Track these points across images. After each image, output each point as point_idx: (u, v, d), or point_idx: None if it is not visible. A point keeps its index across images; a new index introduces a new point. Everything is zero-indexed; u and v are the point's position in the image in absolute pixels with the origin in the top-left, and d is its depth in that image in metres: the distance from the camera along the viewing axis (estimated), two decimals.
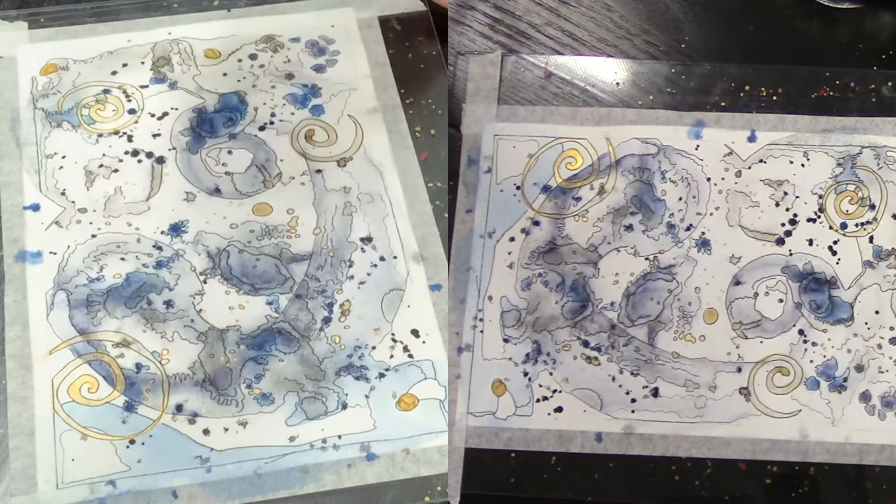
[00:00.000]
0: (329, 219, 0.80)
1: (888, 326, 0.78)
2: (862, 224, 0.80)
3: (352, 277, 0.78)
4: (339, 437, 0.72)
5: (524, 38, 0.86)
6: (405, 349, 0.76)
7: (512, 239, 0.80)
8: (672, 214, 0.80)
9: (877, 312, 0.78)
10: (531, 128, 0.82)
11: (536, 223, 0.81)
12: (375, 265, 0.78)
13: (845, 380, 0.77)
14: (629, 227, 0.80)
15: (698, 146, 0.82)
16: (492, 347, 0.78)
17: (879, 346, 0.77)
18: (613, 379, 0.77)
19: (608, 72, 0.84)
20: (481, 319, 0.79)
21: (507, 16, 0.87)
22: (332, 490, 0.71)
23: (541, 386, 0.77)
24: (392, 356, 0.75)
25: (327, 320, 0.76)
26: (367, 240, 0.79)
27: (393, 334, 0.76)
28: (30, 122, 0.82)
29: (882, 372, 0.77)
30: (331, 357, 0.75)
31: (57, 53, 0.86)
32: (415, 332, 0.76)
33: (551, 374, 0.77)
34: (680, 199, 0.81)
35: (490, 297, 0.79)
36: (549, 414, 0.77)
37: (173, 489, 0.70)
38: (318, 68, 0.87)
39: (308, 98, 0.85)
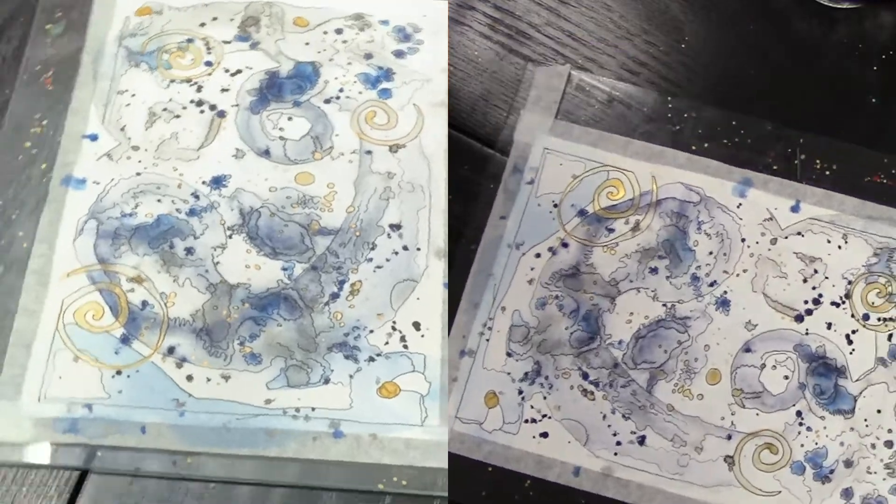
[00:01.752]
0: (365, 199, 0.81)
1: (886, 428, 0.75)
2: (884, 319, 0.77)
3: (370, 260, 0.79)
4: (313, 409, 0.73)
5: (524, 38, 0.85)
6: (402, 339, 0.76)
7: (538, 255, 0.80)
8: (699, 267, 0.79)
9: (879, 411, 0.75)
10: (582, 149, 0.82)
11: (565, 245, 0.80)
12: (397, 252, 0.79)
13: (831, 472, 0.74)
14: (654, 270, 0.79)
15: (741, 204, 0.80)
16: (494, 358, 0.78)
17: (873, 446, 0.74)
18: (604, 417, 0.76)
19: (669, 111, 0.82)
20: (490, 328, 0.78)
21: (507, 16, 0.87)
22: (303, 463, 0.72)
23: (532, 407, 0.76)
24: (387, 343, 0.76)
25: (335, 296, 0.77)
26: (396, 227, 0.80)
27: (394, 322, 0.76)
28: (112, 56, 0.86)
29: (870, 473, 0.74)
30: (328, 332, 0.76)
31: None
32: (416, 325, 0.76)
33: (545, 398, 0.76)
34: (710, 253, 0.79)
35: (503, 308, 0.79)
36: (533, 437, 0.76)
37: (143, 425, 0.72)
38: (399, 54, 0.88)
39: (380, 80, 0.86)
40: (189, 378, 0.74)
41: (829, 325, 0.77)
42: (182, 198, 0.80)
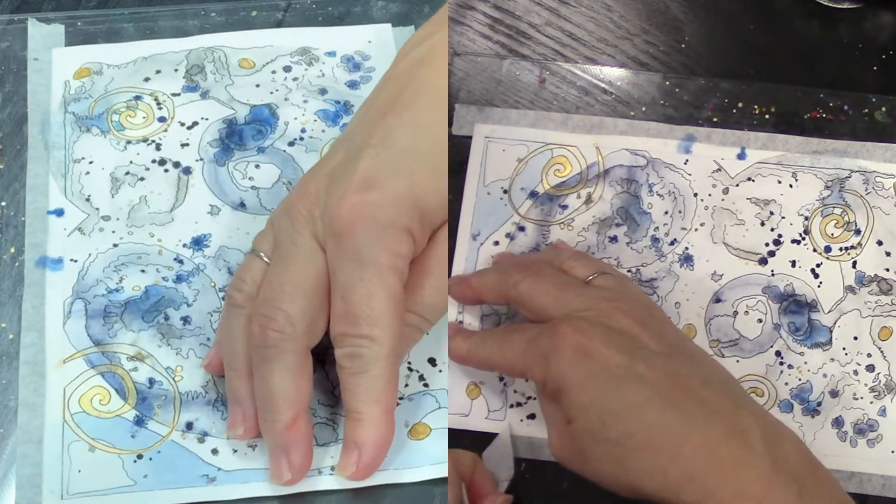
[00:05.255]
0: None
1: (865, 353, 0.77)
2: (846, 248, 0.79)
3: None
4: None
5: (524, 38, 0.86)
6: (420, 378, 0.75)
7: (496, 243, 0.80)
8: (657, 228, 0.80)
9: (855, 338, 0.77)
10: (522, 132, 0.82)
11: (522, 228, 0.80)
12: None
13: (819, 404, 0.76)
14: (614, 239, 0.80)
15: (687, 160, 0.81)
16: None
17: (855, 373, 0.76)
18: None
19: (603, 80, 0.84)
20: (461, 321, 0.78)
21: (507, 16, 0.87)
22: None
23: (515, 391, 0.76)
24: (407, 385, 0.74)
25: None
26: None
27: (409, 362, 0.75)
28: (59, 125, 0.82)
29: (856, 399, 0.76)
30: None
31: (92, 57, 0.86)
32: (431, 361, 0.75)
33: (527, 380, 0.76)
34: (666, 212, 0.80)
35: None
36: (521, 420, 0.76)
37: None
38: (352, 84, 0.87)
39: (340, 115, 0.85)
40: (214, 452, 0.71)
41: (794, 263, 0.79)
42: (166, 265, 0.78)
